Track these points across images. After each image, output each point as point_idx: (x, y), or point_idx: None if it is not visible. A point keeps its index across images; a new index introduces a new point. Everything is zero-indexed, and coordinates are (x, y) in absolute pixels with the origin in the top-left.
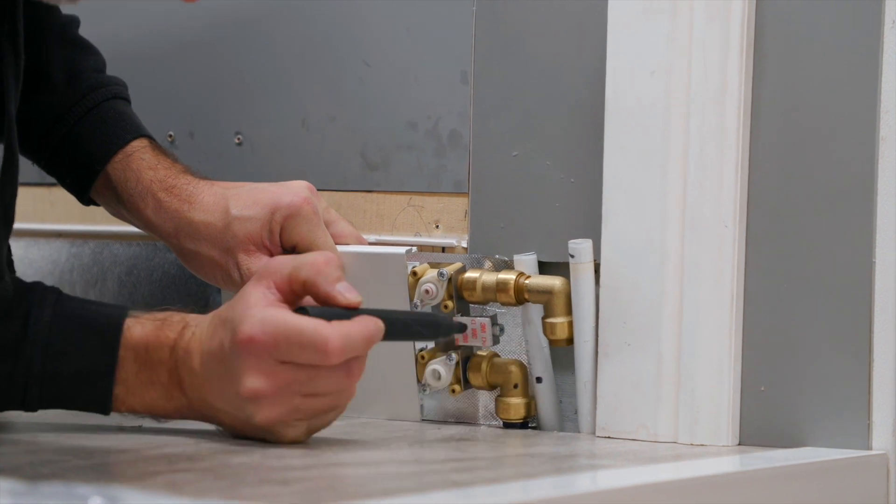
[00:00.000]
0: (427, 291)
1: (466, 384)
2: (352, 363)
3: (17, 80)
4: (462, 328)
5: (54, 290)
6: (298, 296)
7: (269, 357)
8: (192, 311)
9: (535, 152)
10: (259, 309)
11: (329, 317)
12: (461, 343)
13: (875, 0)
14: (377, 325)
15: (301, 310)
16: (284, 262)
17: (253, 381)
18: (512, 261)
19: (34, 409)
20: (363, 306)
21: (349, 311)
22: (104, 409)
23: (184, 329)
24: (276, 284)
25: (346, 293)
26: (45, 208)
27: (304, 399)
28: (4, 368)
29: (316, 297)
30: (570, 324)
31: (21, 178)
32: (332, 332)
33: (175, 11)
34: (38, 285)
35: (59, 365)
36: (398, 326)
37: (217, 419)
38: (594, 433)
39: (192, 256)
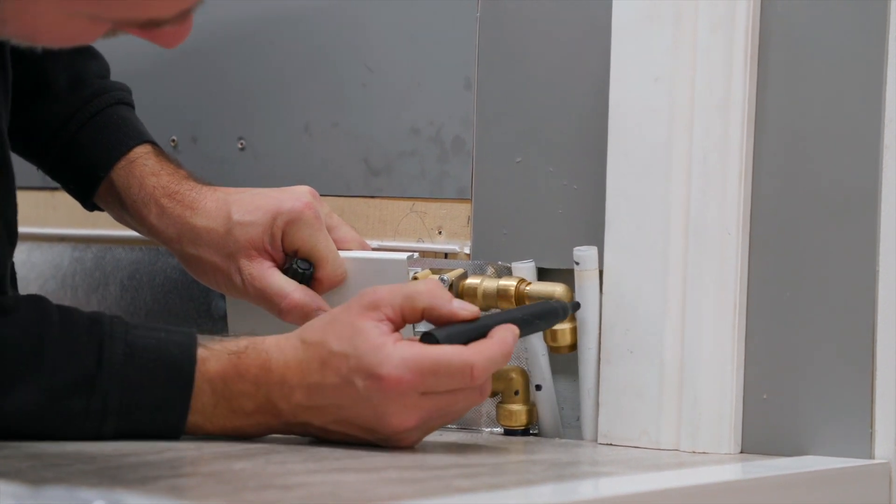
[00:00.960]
0: None
1: None
2: (485, 382)
3: (6, 95)
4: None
5: (121, 321)
6: (410, 323)
7: (414, 392)
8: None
9: (538, 159)
10: (391, 347)
11: (459, 336)
12: None
13: (880, 10)
14: (513, 334)
15: (428, 336)
16: (391, 293)
17: (401, 420)
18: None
19: (107, 440)
20: None
21: (469, 325)
22: (176, 437)
23: (266, 361)
24: (388, 317)
25: (464, 308)
26: (48, 212)
27: (440, 419)
28: (80, 403)
29: (436, 320)
30: (572, 330)
31: (23, 182)
32: (476, 356)
33: None
34: (103, 316)
35: (135, 398)
36: (523, 327)
37: (318, 435)
38: (596, 440)
39: (195, 261)
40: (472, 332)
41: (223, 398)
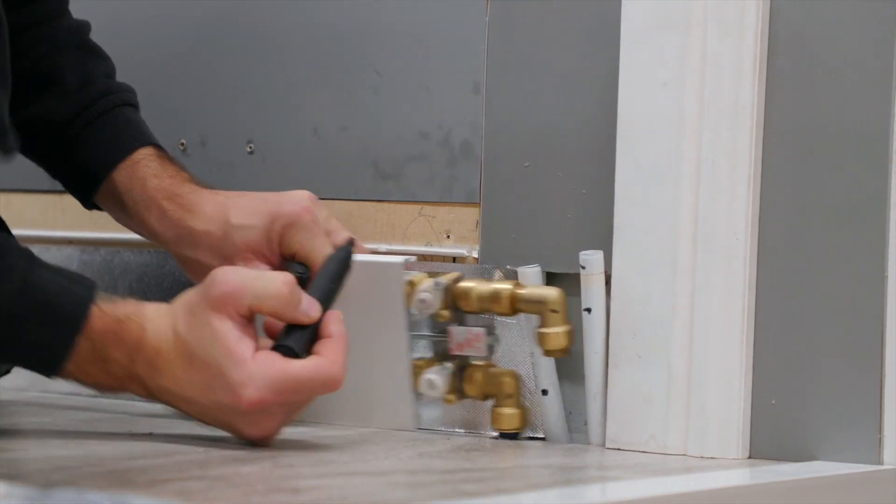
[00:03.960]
0: (423, 300)
1: (461, 394)
2: None
3: None
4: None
5: (30, 257)
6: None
7: (275, 406)
8: None
9: (547, 163)
10: (252, 365)
11: (307, 339)
12: (456, 353)
13: (888, 16)
14: (340, 319)
15: (287, 350)
16: (240, 292)
17: (260, 430)
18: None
19: None
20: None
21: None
22: (49, 376)
23: (141, 338)
24: (240, 314)
25: (309, 312)
26: (56, 215)
27: (297, 414)
28: None
29: (283, 321)
30: (566, 334)
31: (32, 185)
32: (335, 367)
33: (187, 19)
34: (13, 248)
35: (17, 334)
36: (333, 297)
37: (179, 409)
38: (604, 445)
39: (192, 264)
40: (314, 331)
41: (99, 358)
